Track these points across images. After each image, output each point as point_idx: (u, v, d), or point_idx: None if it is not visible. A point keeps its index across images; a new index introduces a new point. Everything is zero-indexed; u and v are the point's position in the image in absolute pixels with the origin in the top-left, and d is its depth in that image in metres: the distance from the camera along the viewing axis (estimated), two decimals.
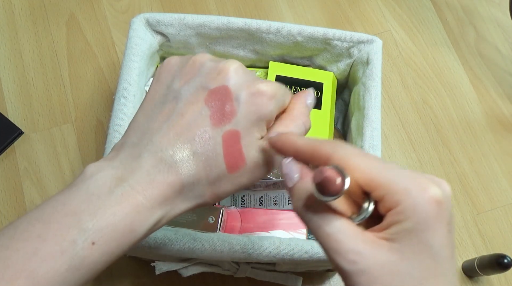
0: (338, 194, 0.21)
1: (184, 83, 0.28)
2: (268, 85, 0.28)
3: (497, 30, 0.75)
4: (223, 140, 0.27)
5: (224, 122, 0.27)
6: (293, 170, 0.25)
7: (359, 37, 0.51)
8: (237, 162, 0.27)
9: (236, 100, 0.27)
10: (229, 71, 0.28)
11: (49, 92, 0.66)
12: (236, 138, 0.27)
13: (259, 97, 0.27)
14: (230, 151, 0.27)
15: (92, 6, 0.72)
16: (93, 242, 0.24)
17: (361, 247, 0.22)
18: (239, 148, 0.27)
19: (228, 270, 0.48)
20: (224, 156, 0.27)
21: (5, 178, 0.62)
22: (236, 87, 0.27)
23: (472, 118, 0.70)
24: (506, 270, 0.53)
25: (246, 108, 0.27)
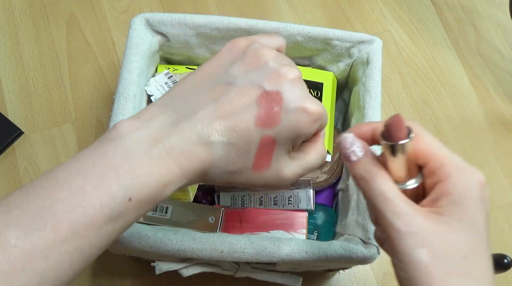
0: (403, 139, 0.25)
1: (243, 72, 0.28)
2: (316, 106, 0.29)
3: (497, 30, 0.75)
4: (260, 143, 0.28)
5: (267, 126, 0.28)
6: (358, 146, 0.28)
7: (359, 37, 0.51)
8: (263, 165, 0.29)
9: (284, 110, 0.28)
10: (287, 79, 0.28)
11: (49, 92, 0.66)
12: (272, 145, 0.28)
13: (304, 116, 0.28)
14: (262, 154, 0.28)
15: (92, 6, 0.72)
16: (130, 198, 0.25)
17: (416, 213, 0.25)
18: (270, 153, 0.29)
19: (228, 270, 0.48)
20: (255, 156, 0.28)
21: (5, 178, 0.62)
22: (288, 97, 0.28)
23: (472, 118, 0.70)
24: (506, 270, 0.53)
25: (289, 121, 0.28)
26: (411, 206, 0.26)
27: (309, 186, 0.51)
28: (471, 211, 0.25)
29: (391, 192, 0.26)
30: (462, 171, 0.26)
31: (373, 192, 0.26)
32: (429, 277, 0.24)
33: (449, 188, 0.25)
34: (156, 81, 0.54)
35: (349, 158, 0.28)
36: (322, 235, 0.52)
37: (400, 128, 0.26)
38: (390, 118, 0.26)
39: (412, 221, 0.25)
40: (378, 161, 0.28)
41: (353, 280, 0.60)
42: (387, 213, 0.26)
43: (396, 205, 0.26)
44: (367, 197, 0.27)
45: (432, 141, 0.27)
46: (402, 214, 0.25)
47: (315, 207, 0.52)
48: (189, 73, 0.30)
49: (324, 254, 0.41)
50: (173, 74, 0.55)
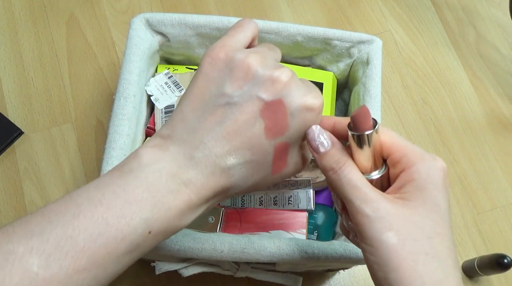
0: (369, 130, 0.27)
1: (237, 88, 0.27)
2: (317, 98, 0.29)
3: (497, 30, 0.75)
4: (274, 151, 0.29)
5: (276, 135, 0.28)
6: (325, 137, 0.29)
7: (359, 37, 0.51)
8: (281, 167, 0.30)
9: (291, 115, 0.28)
10: (284, 83, 0.28)
11: (49, 92, 0.66)
12: (286, 150, 0.29)
13: (309, 113, 0.29)
14: (278, 160, 0.29)
15: (92, 6, 0.72)
16: (150, 231, 0.25)
17: (383, 199, 0.27)
18: (285, 156, 0.30)
19: (228, 270, 0.48)
20: (272, 164, 0.29)
21: (5, 178, 0.62)
22: (291, 101, 0.28)
23: (472, 118, 0.70)
24: (506, 270, 0.53)
25: (298, 124, 0.29)
26: (378, 193, 0.27)
27: (309, 186, 0.51)
28: (434, 195, 0.26)
29: (359, 181, 0.27)
30: (424, 159, 0.27)
31: (341, 182, 0.28)
32: (398, 258, 0.25)
33: (413, 175, 0.27)
34: (156, 81, 0.54)
35: (318, 149, 0.29)
36: (322, 235, 0.52)
37: (366, 119, 0.27)
38: (356, 110, 0.27)
39: (379, 207, 0.26)
40: (346, 152, 0.29)
41: (353, 280, 0.60)
42: (356, 201, 0.27)
43: (364, 193, 0.27)
44: (336, 187, 0.28)
45: (394, 134, 0.29)
46: (370, 200, 0.26)
47: (315, 207, 0.52)
48: (181, 97, 0.30)
49: (324, 254, 0.41)
50: (173, 74, 0.55)
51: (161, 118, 0.53)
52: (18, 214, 0.60)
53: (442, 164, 0.27)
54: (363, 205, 0.26)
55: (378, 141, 0.28)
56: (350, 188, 0.27)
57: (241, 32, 0.30)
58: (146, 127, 0.53)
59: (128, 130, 0.45)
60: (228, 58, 0.28)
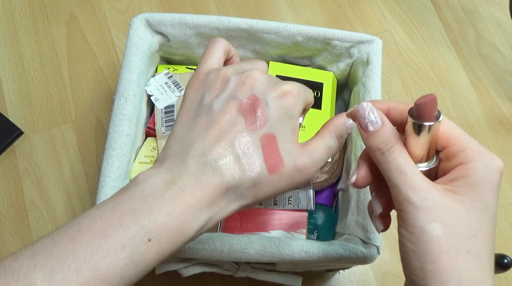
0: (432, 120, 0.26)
1: (215, 97, 0.30)
2: (291, 85, 0.30)
3: (497, 30, 0.75)
4: (261, 143, 0.29)
5: (259, 126, 0.29)
6: (376, 116, 0.28)
7: (359, 37, 0.51)
8: (276, 163, 0.29)
9: (266, 105, 0.29)
10: (253, 80, 0.30)
11: (49, 92, 0.66)
12: (273, 141, 0.29)
13: (285, 98, 0.29)
14: (269, 153, 0.29)
15: (92, 6, 0.72)
16: (150, 239, 0.25)
17: (431, 189, 0.26)
18: (276, 149, 0.29)
19: (228, 270, 0.48)
20: (264, 158, 0.28)
21: (5, 178, 0.62)
22: (263, 93, 0.29)
23: (472, 118, 0.70)
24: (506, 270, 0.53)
25: (276, 111, 0.29)
26: (427, 181, 0.26)
27: (309, 186, 0.51)
28: (487, 195, 0.26)
29: (408, 167, 0.26)
30: (483, 156, 0.26)
31: (388, 165, 0.27)
32: (440, 251, 0.25)
33: (468, 171, 0.26)
34: (156, 81, 0.54)
35: (367, 127, 0.28)
36: (322, 235, 0.52)
37: (432, 109, 0.26)
38: (423, 97, 0.26)
39: (427, 196, 0.25)
40: (397, 135, 0.28)
41: (353, 280, 0.60)
42: (402, 187, 0.26)
43: (412, 179, 0.26)
44: (382, 170, 0.27)
45: (454, 126, 0.28)
46: (418, 188, 0.26)
47: (315, 207, 0.52)
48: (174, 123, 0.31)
49: (324, 254, 0.41)
50: (173, 74, 0.55)
51: (161, 118, 0.53)
52: (18, 214, 0.60)
53: (500, 164, 0.27)
54: (410, 192, 0.26)
55: (436, 132, 0.27)
56: (397, 173, 0.26)
57: (211, 53, 0.33)
58: (146, 127, 0.53)
59: (128, 130, 0.45)
60: (205, 76, 0.31)
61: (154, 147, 0.52)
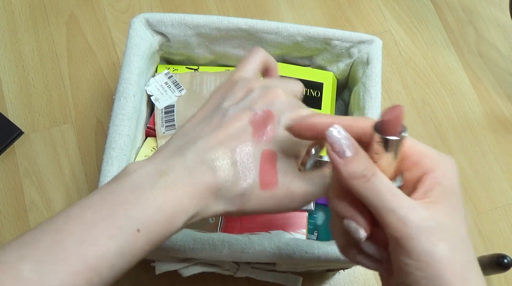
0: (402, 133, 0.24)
1: (233, 104, 0.30)
2: (309, 111, 0.30)
3: (497, 30, 0.75)
4: (261, 157, 0.29)
5: (265, 141, 0.29)
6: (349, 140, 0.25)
7: (359, 37, 0.51)
8: (270, 181, 0.29)
9: (278, 122, 0.29)
10: (274, 96, 0.30)
11: (49, 92, 0.67)
12: (273, 158, 0.29)
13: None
14: (265, 168, 0.29)
15: (92, 6, 0.72)
16: (138, 229, 0.25)
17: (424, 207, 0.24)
18: (273, 167, 0.29)
19: (228, 270, 0.48)
20: (259, 172, 0.28)
21: (5, 178, 0.62)
22: (279, 111, 0.29)
23: (472, 118, 0.70)
24: (506, 270, 0.53)
25: (285, 132, 0.29)
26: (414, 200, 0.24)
27: None
28: (459, 199, 0.25)
29: (395, 188, 0.24)
30: (443, 161, 0.26)
31: (377, 190, 0.24)
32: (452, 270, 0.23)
33: (438, 179, 0.25)
34: (156, 81, 0.54)
35: (344, 153, 0.24)
36: (322, 235, 0.52)
37: (399, 121, 0.23)
38: (388, 111, 0.23)
39: (425, 216, 0.23)
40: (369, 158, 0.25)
41: (353, 280, 0.60)
42: (400, 210, 0.23)
43: (407, 201, 0.24)
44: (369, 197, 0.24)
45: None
46: (415, 209, 0.24)
47: (315, 207, 0.52)
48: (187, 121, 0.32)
49: (324, 254, 0.41)
50: (173, 74, 0.55)
51: (161, 118, 0.53)
52: (18, 214, 0.60)
53: (455, 165, 0.26)
54: (410, 214, 0.23)
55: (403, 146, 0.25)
56: (390, 196, 0.24)
57: (248, 62, 0.33)
58: (146, 127, 0.53)
59: (128, 130, 0.45)
60: (233, 83, 0.32)
61: (154, 147, 0.52)
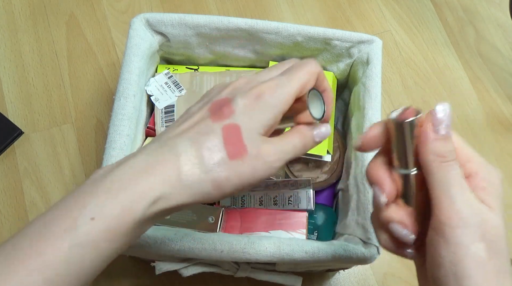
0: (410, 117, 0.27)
1: (197, 103, 0.32)
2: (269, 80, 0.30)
3: (497, 30, 0.75)
4: (222, 131, 0.29)
5: (223, 118, 0.29)
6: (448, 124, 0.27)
7: (359, 37, 0.51)
8: (238, 150, 0.28)
9: (234, 101, 0.30)
10: (232, 86, 0.31)
11: (49, 92, 0.66)
12: (235, 129, 0.29)
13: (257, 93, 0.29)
14: (229, 139, 0.28)
15: (92, 6, 0.72)
16: (92, 218, 0.25)
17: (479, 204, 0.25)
18: (238, 137, 0.29)
19: (228, 270, 0.48)
20: (224, 144, 0.28)
21: (5, 178, 0.62)
22: (235, 93, 0.30)
23: (472, 118, 0.70)
24: None
25: (243, 106, 0.29)
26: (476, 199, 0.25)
27: (309, 186, 0.51)
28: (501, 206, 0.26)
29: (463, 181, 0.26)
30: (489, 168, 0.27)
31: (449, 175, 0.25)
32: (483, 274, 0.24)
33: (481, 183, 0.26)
34: (156, 81, 0.54)
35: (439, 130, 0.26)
36: (322, 235, 0.52)
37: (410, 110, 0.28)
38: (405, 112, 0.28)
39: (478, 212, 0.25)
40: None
41: (353, 280, 0.60)
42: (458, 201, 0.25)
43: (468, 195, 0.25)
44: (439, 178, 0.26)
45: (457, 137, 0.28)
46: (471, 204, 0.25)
47: (315, 207, 0.52)
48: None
49: (324, 254, 0.41)
50: (173, 74, 0.55)
51: (161, 118, 0.53)
52: (18, 214, 0.60)
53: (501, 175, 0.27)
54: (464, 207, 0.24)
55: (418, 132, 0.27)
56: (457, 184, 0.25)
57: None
58: (146, 127, 0.53)
59: (128, 130, 0.45)
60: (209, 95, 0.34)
61: None
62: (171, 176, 0.27)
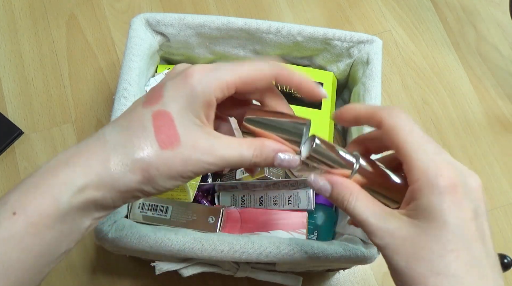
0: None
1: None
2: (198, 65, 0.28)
3: (497, 30, 0.75)
4: (152, 117, 0.27)
5: (152, 103, 0.27)
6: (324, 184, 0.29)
7: (359, 37, 0.51)
8: (169, 139, 0.27)
9: (164, 86, 0.28)
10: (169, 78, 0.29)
11: (49, 92, 0.66)
12: (166, 116, 0.27)
13: (186, 77, 0.28)
14: (160, 127, 0.27)
15: (92, 6, 0.72)
16: (14, 212, 0.24)
17: (388, 224, 0.26)
18: (170, 124, 0.27)
19: (228, 270, 0.48)
20: (154, 132, 0.27)
21: (5, 178, 0.62)
22: (167, 78, 0.29)
23: (472, 118, 0.70)
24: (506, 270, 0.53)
25: (173, 90, 0.28)
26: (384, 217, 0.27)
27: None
28: (439, 213, 0.25)
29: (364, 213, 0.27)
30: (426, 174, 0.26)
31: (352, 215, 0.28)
32: (408, 281, 0.25)
33: (415, 193, 0.26)
34: (156, 81, 0.54)
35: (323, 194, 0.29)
36: (322, 235, 0.52)
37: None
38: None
39: (384, 235, 0.26)
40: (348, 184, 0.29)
41: (353, 280, 0.60)
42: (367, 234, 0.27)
43: (370, 224, 0.27)
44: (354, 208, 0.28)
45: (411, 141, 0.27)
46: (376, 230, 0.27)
47: (315, 207, 0.52)
48: None
49: (324, 254, 0.41)
50: None
51: None
52: None
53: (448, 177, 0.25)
54: (372, 237, 0.27)
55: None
56: (358, 222, 0.28)
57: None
58: None
59: None
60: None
61: None
62: (96, 165, 0.26)
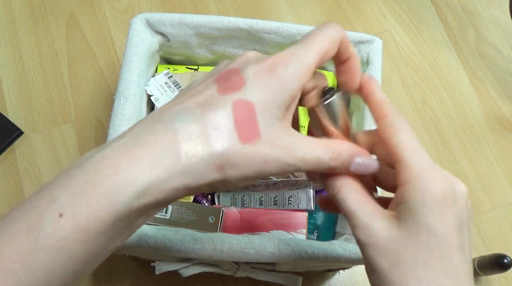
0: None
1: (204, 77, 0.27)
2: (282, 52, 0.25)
3: (497, 30, 0.75)
4: (233, 106, 0.23)
5: (233, 90, 0.24)
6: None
7: (359, 37, 0.51)
8: (250, 132, 0.24)
9: (243, 72, 0.24)
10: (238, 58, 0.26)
11: (49, 92, 0.66)
12: (249, 106, 0.24)
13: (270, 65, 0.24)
14: (242, 120, 0.23)
15: (92, 6, 0.72)
16: (61, 214, 0.21)
17: (375, 223, 0.25)
18: (252, 116, 0.24)
19: (228, 270, 0.48)
20: (234, 123, 0.23)
21: (5, 178, 0.62)
22: (244, 64, 0.25)
23: (472, 118, 0.70)
24: (506, 270, 0.53)
25: (256, 80, 0.24)
26: (374, 214, 0.26)
27: (309, 186, 0.51)
28: (426, 218, 0.24)
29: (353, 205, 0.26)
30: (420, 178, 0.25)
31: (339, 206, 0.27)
32: (388, 283, 0.25)
33: (406, 194, 0.25)
34: (156, 81, 0.54)
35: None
36: (322, 235, 0.52)
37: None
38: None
39: (371, 233, 0.25)
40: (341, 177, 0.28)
41: (353, 280, 0.60)
42: (352, 227, 0.27)
43: (357, 217, 0.26)
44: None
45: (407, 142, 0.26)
46: (363, 226, 0.26)
47: (315, 207, 0.52)
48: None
49: (324, 254, 0.41)
50: (173, 74, 0.55)
51: None
52: None
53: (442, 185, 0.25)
54: (357, 231, 0.26)
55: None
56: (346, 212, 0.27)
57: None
58: None
59: None
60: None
61: None
62: (165, 159, 0.22)
